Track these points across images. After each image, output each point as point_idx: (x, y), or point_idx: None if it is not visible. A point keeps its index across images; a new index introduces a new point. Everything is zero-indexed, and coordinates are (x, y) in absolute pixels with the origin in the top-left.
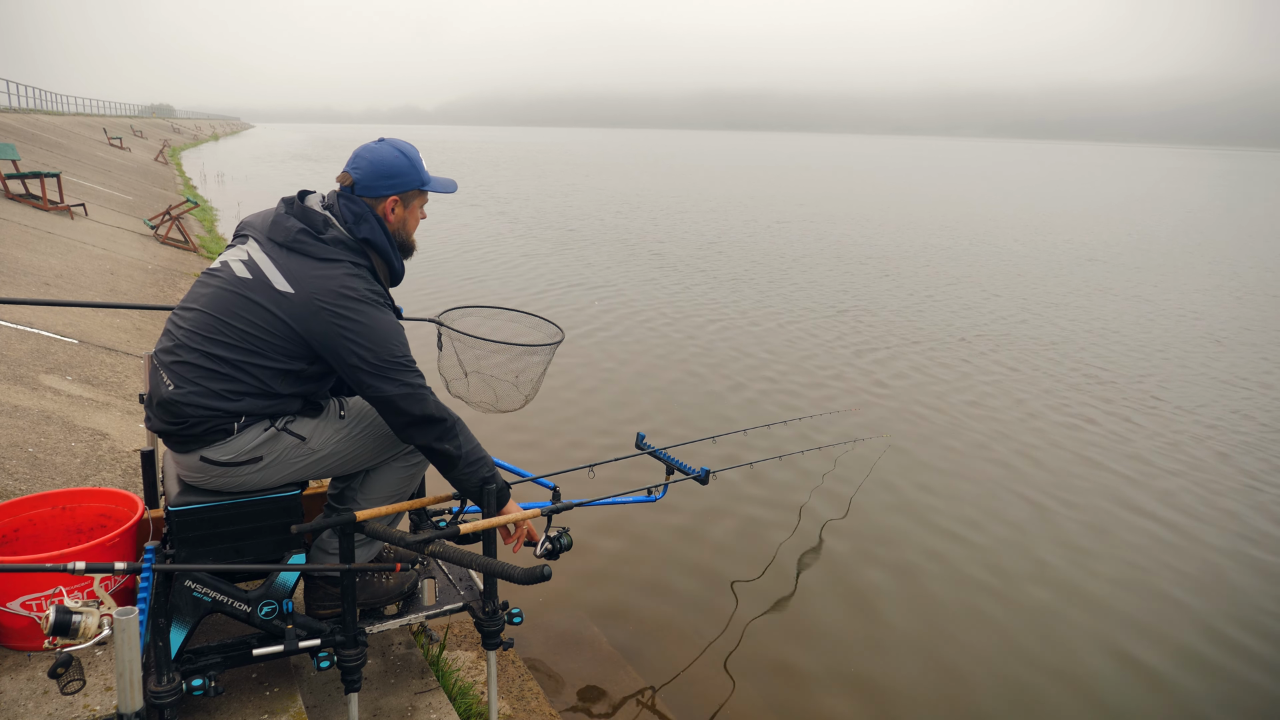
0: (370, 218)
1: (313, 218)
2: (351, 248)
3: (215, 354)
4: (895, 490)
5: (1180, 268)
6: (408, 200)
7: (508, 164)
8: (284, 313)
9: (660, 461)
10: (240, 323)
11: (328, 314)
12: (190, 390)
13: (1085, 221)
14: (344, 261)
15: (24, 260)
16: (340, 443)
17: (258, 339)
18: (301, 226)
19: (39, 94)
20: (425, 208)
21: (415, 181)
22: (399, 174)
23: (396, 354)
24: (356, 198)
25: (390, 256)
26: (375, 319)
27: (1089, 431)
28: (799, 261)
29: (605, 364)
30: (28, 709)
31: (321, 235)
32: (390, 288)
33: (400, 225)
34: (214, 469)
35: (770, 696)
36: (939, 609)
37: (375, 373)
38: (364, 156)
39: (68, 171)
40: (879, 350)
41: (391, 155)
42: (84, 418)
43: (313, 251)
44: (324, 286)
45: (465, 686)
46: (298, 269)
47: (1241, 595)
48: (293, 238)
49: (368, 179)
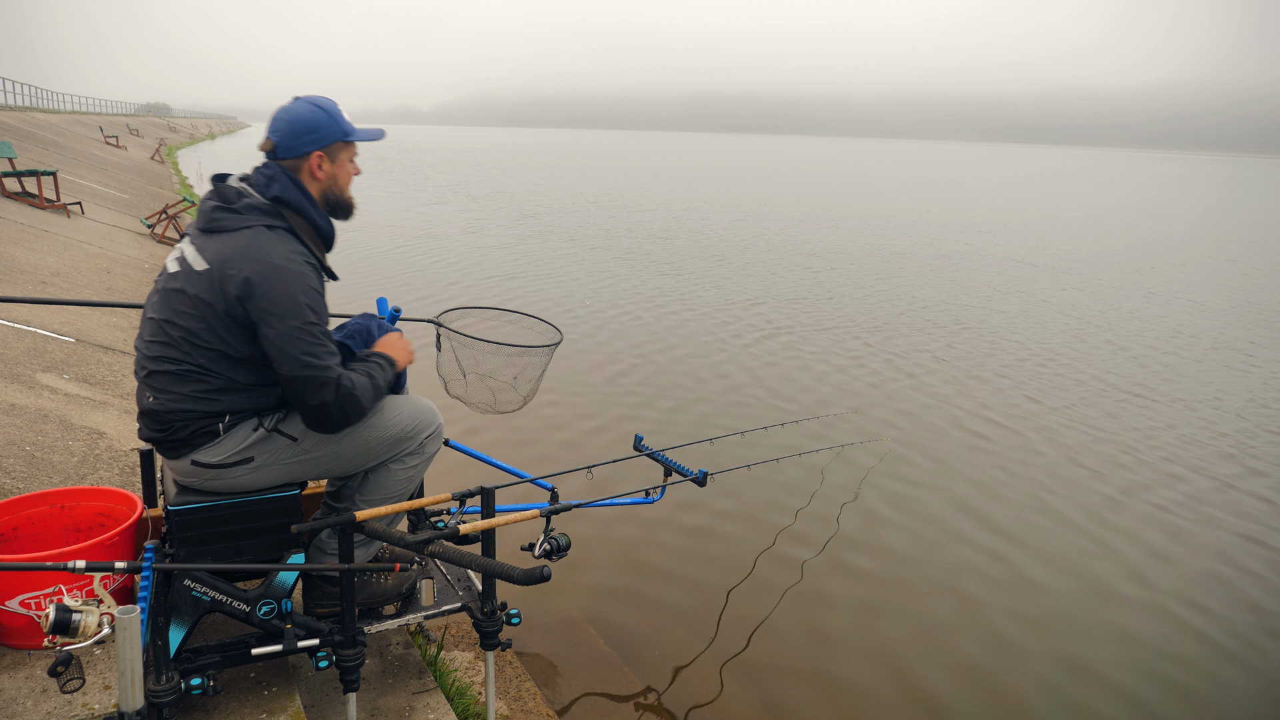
0: (282, 176)
1: (225, 192)
2: (265, 210)
3: (173, 357)
4: (893, 493)
5: (1176, 269)
6: (333, 154)
7: (510, 163)
8: (205, 293)
9: (658, 463)
10: (180, 319)
11: (234, 280)
12: (167, 398)
13: (1094, 227)
14: (255, 226)
15: (21, 258)
16: (335, 444)
17: (197, 332)
18: (215, 204)
19: (35, 91)
20: (353, 161)
21: (337, 133)
22: (318, 127)
23: (305, 319)
24: (273, 163)
25: (309, 213)
26: (283, 279)
27: (1090, 434)
28: (799, 262)
29: (603, 366)
30: (26, 707)
31: (234, 206)
32: (326, 251)
33: (331, 181)
34: (207, 472)
35: (766, 698)
36: (937, 611)
37: (277, 341)
38: (280, 117)
39: (64, 170)
40: (878, 352)
41: (307, 110)
42: (81, 416)
43: (227, 224)
44: (232, 253)
45: (463, 687)
46: (214, 245)
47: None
48: (209, 218)
49: (287, 138)
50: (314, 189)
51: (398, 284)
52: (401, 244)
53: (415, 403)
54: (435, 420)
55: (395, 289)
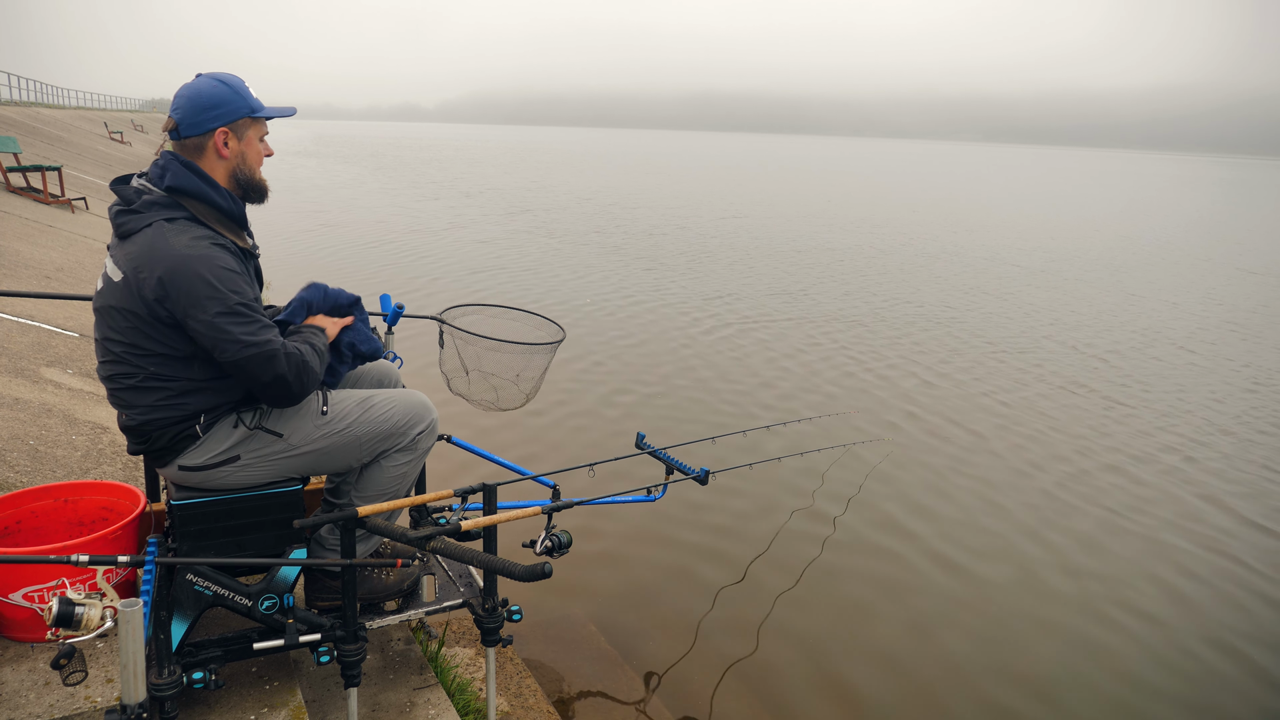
0: (174, 164)
1: (126, 194)
2: (163, 204)
3: (125, 373)
4: (894, 493)
5: (1174, 270)
6: (240, 131)
7: (508, 161)
8: (128, 303)
9: (660, 461)
10: (117, 334)
11: (148, 284)
12: (136, 413)
13: (1097, 229)
14: (155, 221)
15: (25, 253)
16: (323, 440)
17: (138, 343)
18: (119, 208)
19: (40, 87)
20: (267, 141)
21: (243, 109)
22: (221, 103)
23: (225, 302)
24: (166, 153)
25: (208, 195)
26: (190, 268)
27: (1093, 437)
28: (800, 264)
29: (605, 363)
30: (29, 699)
31: (134, 206)
32: (241, 229)
33: (239, 160)
34: (194, 474)
35: (767, 697)
36: (937, 614)
37: (208, 332)
38: (182, 94)
39: (69, 165)
40: (880, 353)
41: (209, 85)
42: (84, 411)
43: (131, 226)
44: (138, 255)
45: (463, 683)
46: (124, 251)
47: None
48: (116, 224)
49: (189, 115)
50: (220, 169)
51: (381, 278)
52: (389, 240)
53: (407, 397)
54: (427, 415)
55: (382, 284)
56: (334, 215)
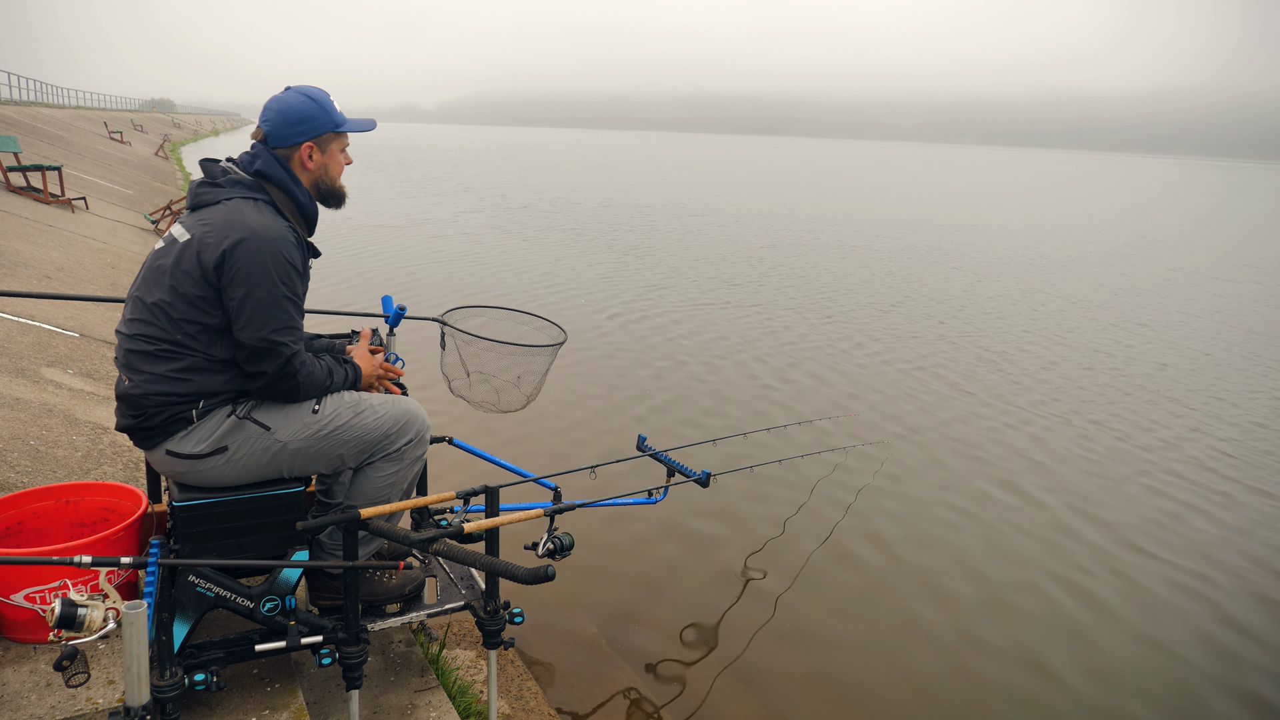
0: (265, 154)
1: (211, 169)
2: (247, 184)
3: (149, 335)
4: (895, 495)
5: (1169, 274)
6: (324, 145)
7: (496, 160)
8: (184, 263)
9: (661, 464)
10: (160, 290)
11: (212, 248)
12: (141, 379)
13: (1100, 232)
14: (235, 198)
15: (25, 253)
16: (310, 439)
17: (174, 304)
18: (201, 180)
19: (40, 86)
20: (344, 151)
21: (327, 124)
22: (308, 119)
23: (273, 290)
24: (266, 148)
25: (291, 188)
26: (257, 245)
27: (1093, 440)
28: (800, 265)
29: (607, 365)
30: (31, 701)
31: (217, 181)
32: (309, 233)
33: (321, 171)
34: (180, 462)
35: (767, 700)
36: (938, 615)
37: (241, 306)
38: (271, 108)
39: (69, 165)
40: (881, 355)
41: (298, 101)
42: (85, 411)
43: (209, 198)
44: (212, 222)
45: (465, 685)
46: (196, 218)
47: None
48: (195, 194)
49: (278, 129)
50: (305, 179)
51: (376, 277)
52: (388, 240)
53: (400, 406)
54: (415, 426)
55: (375, 282)
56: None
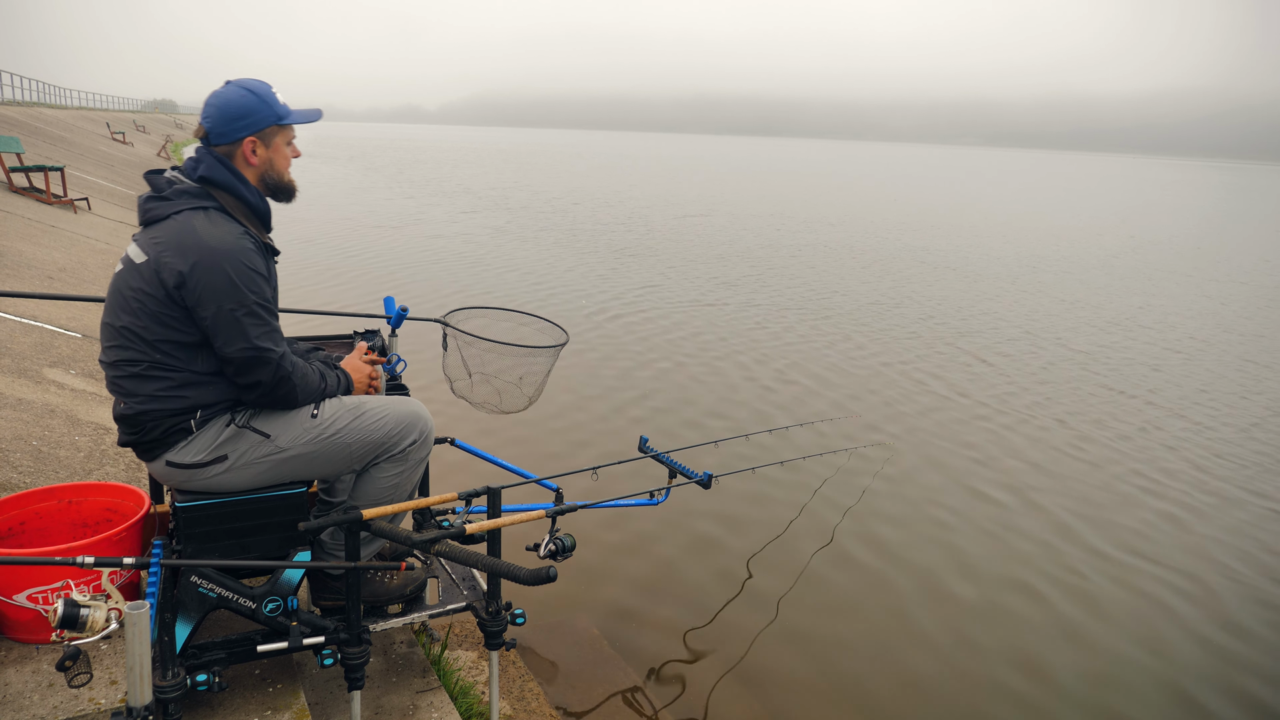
0: (208, 157)
1: (156, 183)
2: (194, 193)
3: (130, 359)
4: (896, 496)
5: (1171, 276)
6: (268, 139)
7: (499, 161)
8: (147, 285)
9: (663, 465)
10: (128, 315)
11: (170, 269)
12: (135, 401)
13: (1101, 233)
14: (184, 209)
15: (28, 254)
16: (311, 444)
17: (148, 326)
18: (148, 195)
19: (42, 87)
20: (293, 143)
21: (269, 117)
22: (249, 113)
23: (241, 301)
24: (201, 148)
25: (239, 190)
26: (215, 261)
27: (1089, 442)
28: (800, 266)
29: (608, 366)
30: (33, 701)
31: (164, 194)
32: (266, 230)
33: (267, 166)
34: (181, 472)
35: (768, 701)
36: (938, 617)
37: (214, 323)
38: (211, 104)
39: (71, 165)
40: (881, 357)
41: (238, 95)
42: (87, 412)
43: (159, 212)
44: (165, 240)
45: (466, 686)
46: (150, 236)
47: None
48: (144, 210)
49: (218, 125)
50: (250, 175)
51: (371, 276)
52: (387, 241)
53: (402, 406)
54: (419, 426)
55: (406, 294)
56: (337, 217)
